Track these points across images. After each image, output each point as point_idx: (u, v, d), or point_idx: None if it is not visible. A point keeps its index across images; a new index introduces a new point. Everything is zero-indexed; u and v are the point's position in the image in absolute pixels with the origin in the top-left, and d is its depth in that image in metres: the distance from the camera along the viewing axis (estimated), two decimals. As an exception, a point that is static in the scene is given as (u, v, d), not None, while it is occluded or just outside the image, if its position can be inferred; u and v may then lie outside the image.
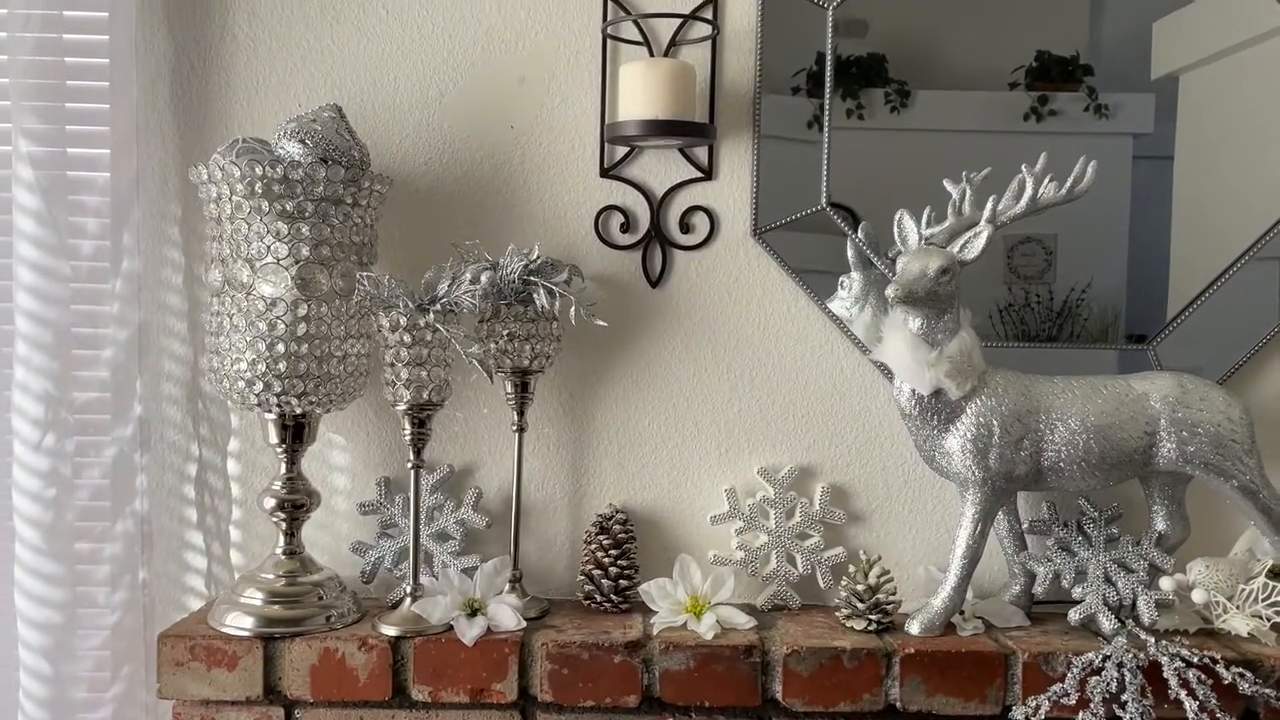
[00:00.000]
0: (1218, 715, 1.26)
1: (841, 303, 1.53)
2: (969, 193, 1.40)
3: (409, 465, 1.38)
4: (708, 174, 1.51)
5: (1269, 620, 1.37)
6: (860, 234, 1.50)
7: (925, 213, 1.41)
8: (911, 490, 1.54)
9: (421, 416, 1.36)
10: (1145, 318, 1.55)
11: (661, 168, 1.51)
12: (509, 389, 1.45)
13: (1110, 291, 1.56)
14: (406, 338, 1.32)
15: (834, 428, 1.54)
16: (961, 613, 1.42)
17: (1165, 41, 1.54)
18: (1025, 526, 1.47)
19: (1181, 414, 1.36)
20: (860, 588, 1.41)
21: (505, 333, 1.41)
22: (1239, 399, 1.38)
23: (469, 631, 1.34)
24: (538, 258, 1.39)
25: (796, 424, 1.54)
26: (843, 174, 1.51)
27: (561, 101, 1.50)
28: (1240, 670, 1.28)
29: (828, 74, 1.49)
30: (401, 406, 1.35)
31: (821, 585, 1.50)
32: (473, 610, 1.38)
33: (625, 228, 1.51)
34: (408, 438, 1.37)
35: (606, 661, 1.33)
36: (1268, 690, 1.27)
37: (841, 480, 1.54)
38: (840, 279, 1.52)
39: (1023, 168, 1.36)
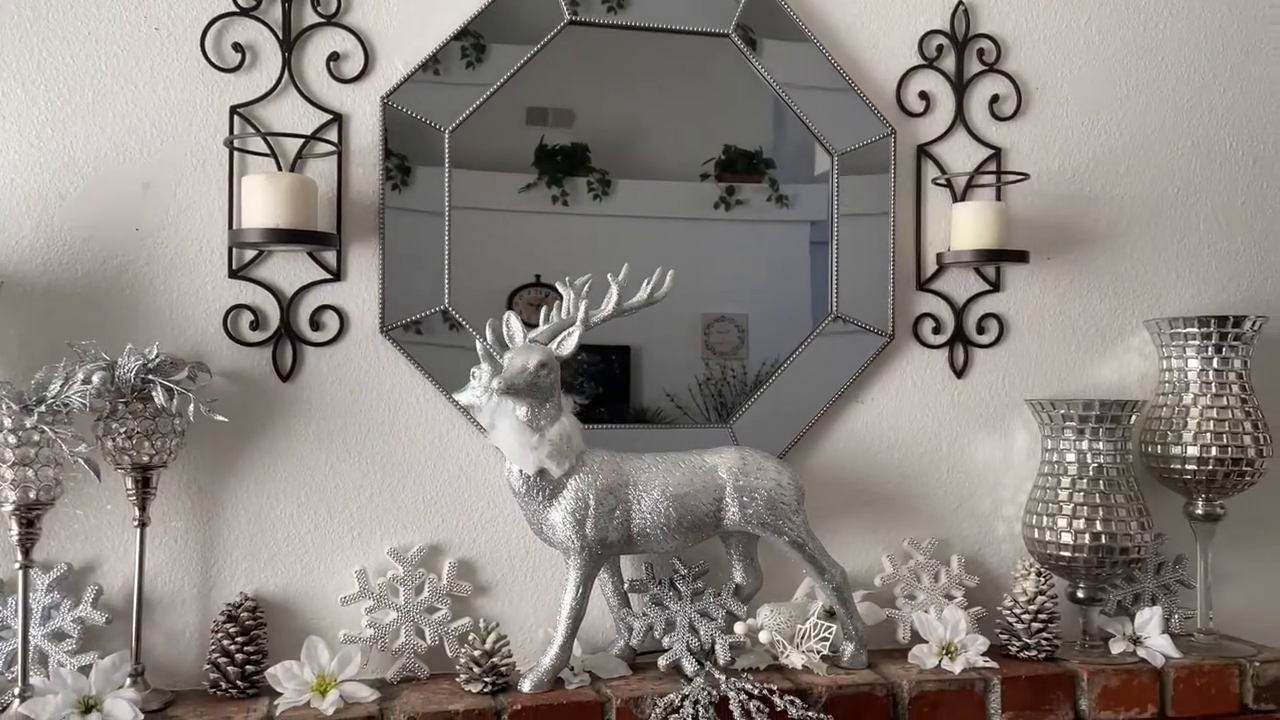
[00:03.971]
0: (771, 739, 1.50)
1: (472, 392, 1.66)
2: (573, 295, 1.60)
3: (16, 566, 1.37)
4: (336, 275, 1.63)
5: (819, 652, 1.64)
6: (488, 331, 1.66)
7: (542, 313, 1.60)
8: (532, 561, 1.70)
9: (30, 516, 1.36)
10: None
11: (291, 269, 1.61)
12: (130, 485, 1.48)
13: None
14: (12, 439, 1.33)
15: (461, 507, 1.68)
16: (571, 668, 1.59)
17: (824, 156, 1.79)
18: (627, 586, 1.68)
19: (742, 482, 1.61)
20: (477, 653, 1.54)
21: (123, 430, 1.44)
22: (788, 468, 1.65)
23: (80, 729, 1.35)
24: (156, 356, 1.44)
25: (426, 505, 1.67)
26: (549, 257, 1.64)
27: (189, 206, 1.57)
28: (791, 699, 1.52)
29: (445, 188, 1.66)
30: (7, 507, 1.35)
31: (449, 654, 1.62)
32: (87, 708, 1.38)
33: (255, 325, 1.60)
34: (15, 538, 1.36)
35: (225, 746, 1.39)
36: (812, 714, 1.52)
37: (469, 555, 1.68)
38: (472, 370, 1.67)
39: (608, 276, 1.58)
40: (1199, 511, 1.82)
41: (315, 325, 1.62)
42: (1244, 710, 1.73)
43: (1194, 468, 1.78)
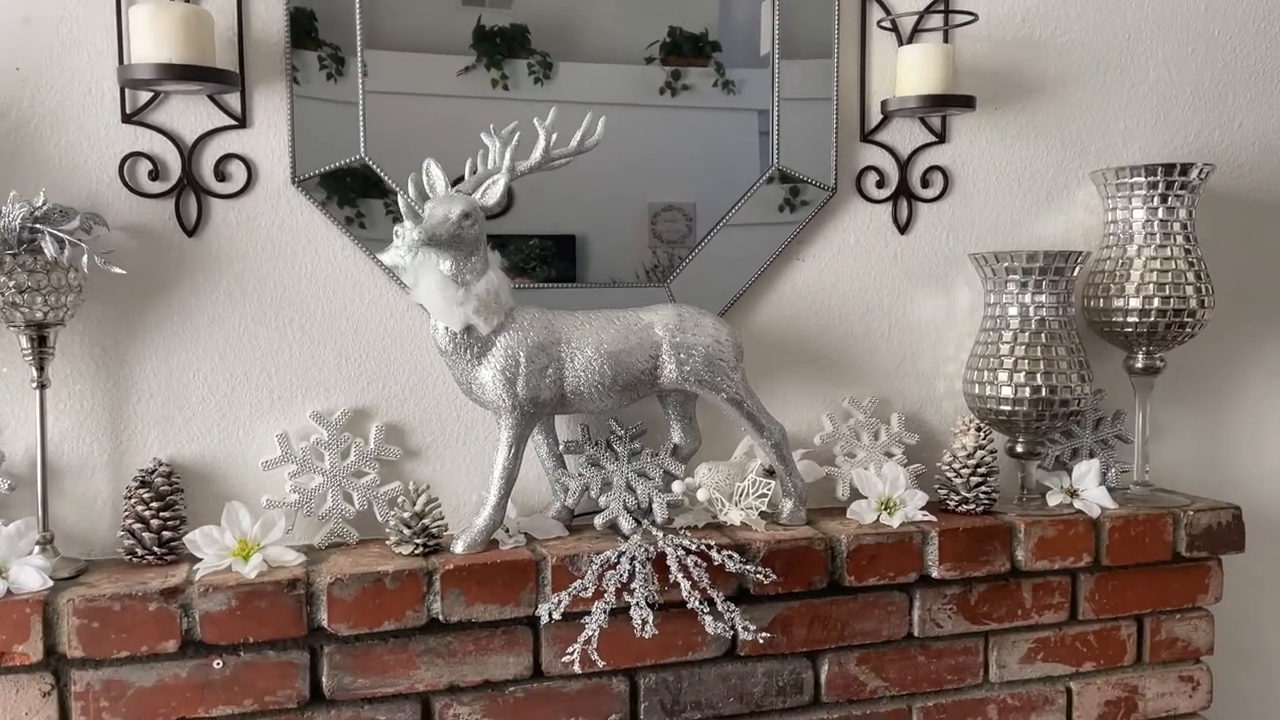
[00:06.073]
0: (709, 592, 1.48)
1: (396, 251, 1.57)
2: (498, 145, 1.51)
3: (-99, 429, 1.28)
4: (242, 121, 1.51)
5: (757, 510, 1.62)
6: (410, 186, 1.57)
7: (468, 164, 1.51)
8: (464, 423, 1.65)
9: (-88, 375, 1.27)
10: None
11: (191, 114, 1.49)
12: (25, 344, 1.38)
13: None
14: (-116, 291, 1.22)
15: (387, 369, 1.61)
16: (506, 529, 1.55)
17: (768, 21, 1.69)
18: (562, 447, 1.63)
19: (679, 339, 1.56)
20: (407, 515, 1.49)
21: (12, 284, 1.33)
22: (726, 324, 1.60)
23: (-16, 597, 1.29)
24: (43, 204, 1.33)
25: (349, 367, 1.59)
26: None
27: (74, 43, 1.44)
28: (729, 553, 1.50)
29: (357, 32, 1.53)
30: (-115, 366, 1.26)
31: (379, 519, 1.57)
32: (-8, 576, 1.32)
33: (155, 175, 1.48)
34: (-103, 399, 1.27)
35: (141, 610, 1.33)
36: (748, 567, 1.51)
37: (397, 419, 1.62)
38: (395, 229, 1.57)
39: (534, 121, 1.49)
40: (1139, 365, 1.81)
41: (221, 176, 1.51)
42: (1176, 559, 1.76)
43: (1135, 320, 1.76)
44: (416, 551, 1.48)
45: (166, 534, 1.44)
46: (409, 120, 1.58)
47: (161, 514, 1.44)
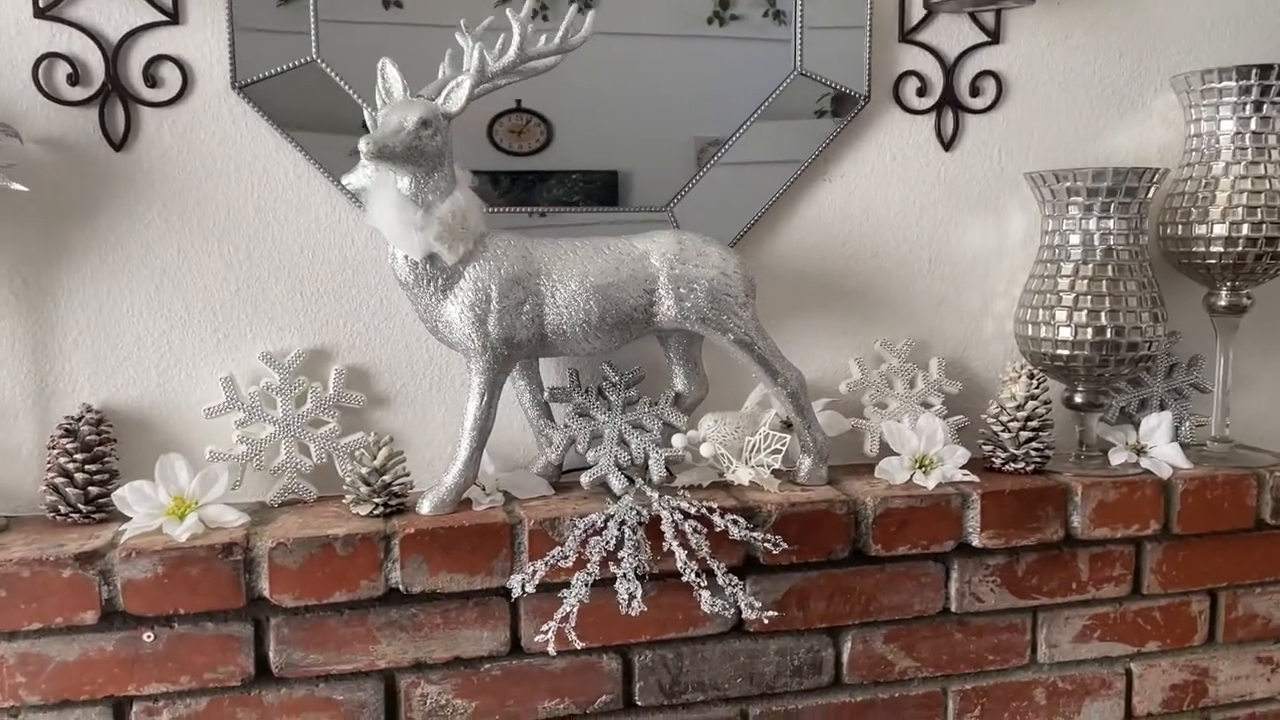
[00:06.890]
0: (708, 562, 1.28)
1: (363, 171, 1.38)
2: (470, 44, 1.29)
3: None
4: (174, 17, 1.31)
5: (770, 467, 1.42)
6: (377, 97, 1.36)
7: (440, 68, 1.31)
8: (438, 366, 1.46)
9: None
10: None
11: (115, 8, 1.29)
12: (-76, 274, 1.22)
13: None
14: None
15: (348, 305, 1.42)
16: (483, 486, 1.37)
17: None
18: (547, 395, 1.43)
19: (679, 270, 1.34)
20: (366, 470, 1.31)
21: (-101, 204, 1.17)
22: (735, 254, 1.38)
23: (-126, 561, 1.13)
24: (-69, 111, 1.16)
25: (305, 302, 1.40)
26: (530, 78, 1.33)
27: (-26, -75, 1.25)
28: (733, 518, 1.30)
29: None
30: None
31: (341, 474, 1.39)
32: (-110, 536, 1.17)
33: (74, 80, 1.29)
34: None
35: (53, 577, 1.16)
36: (756, 535, 1.30)
37: (360, 361, 1.43)
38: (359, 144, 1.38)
39: (507, 12, 1.28)
40: (1222, 303, 1.56)
41: (151, 80, 1.32)
42: (1259, 526, 1.52)
43: (1220, 249, 1.50)
44: (376, 512, 1.30)
45: (94, 490, 1.28)
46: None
47: (88, 467, 1.27)
